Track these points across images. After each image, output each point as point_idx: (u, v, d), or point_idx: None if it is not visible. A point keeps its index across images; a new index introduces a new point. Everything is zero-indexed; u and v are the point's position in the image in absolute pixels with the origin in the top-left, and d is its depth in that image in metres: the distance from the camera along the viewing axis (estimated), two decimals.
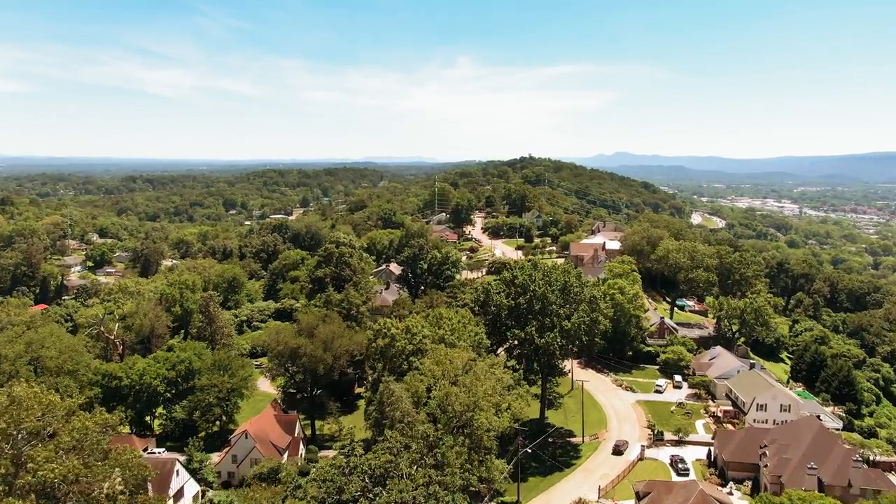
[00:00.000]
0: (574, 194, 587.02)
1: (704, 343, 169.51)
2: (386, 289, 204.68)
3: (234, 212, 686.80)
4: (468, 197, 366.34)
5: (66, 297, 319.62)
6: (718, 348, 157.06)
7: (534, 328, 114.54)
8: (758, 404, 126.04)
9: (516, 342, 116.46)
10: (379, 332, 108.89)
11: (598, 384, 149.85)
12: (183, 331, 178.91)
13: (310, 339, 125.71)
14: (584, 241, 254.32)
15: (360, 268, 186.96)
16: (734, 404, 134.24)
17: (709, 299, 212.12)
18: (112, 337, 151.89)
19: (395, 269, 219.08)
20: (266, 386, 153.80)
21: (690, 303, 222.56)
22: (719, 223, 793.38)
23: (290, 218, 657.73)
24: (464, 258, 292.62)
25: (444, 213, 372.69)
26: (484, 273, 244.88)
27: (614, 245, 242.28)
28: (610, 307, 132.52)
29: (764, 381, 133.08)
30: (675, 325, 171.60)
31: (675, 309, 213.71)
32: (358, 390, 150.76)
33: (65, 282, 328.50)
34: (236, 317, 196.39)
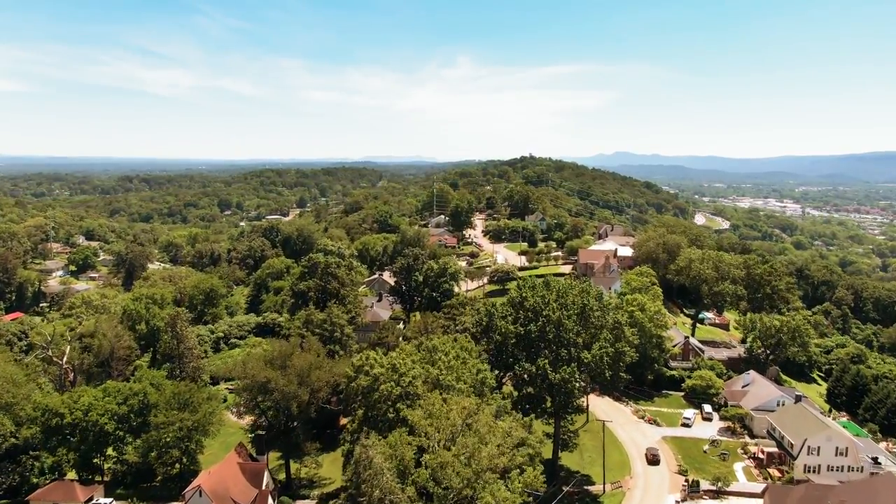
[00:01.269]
0: (576, 195, 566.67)
1: (734, 366, 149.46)
2: (378, 301, 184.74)
3: (228, 212, 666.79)
4: (468, 198, 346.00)
5: (43, 305, 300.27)
6: (752, 374, 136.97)
7: (547, 361, 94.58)
8: (809, 447, 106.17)
9: (526, 377, 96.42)
10: (360, 369, 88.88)
11: (616, 415, 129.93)
12: (151, 351, 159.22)
13: (282, 371, 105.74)
14: (594, 246, 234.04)
15: (348, 279, 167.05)
16: (779, 445, 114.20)
17: (731, 314, 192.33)
18: (62, 362, 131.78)
19: (389, 278, 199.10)
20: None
21: (710, 315, 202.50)
22: (723, 224, 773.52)
23: (286, 219, 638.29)
24: (463, 264, 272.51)
25: (442, 216, 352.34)
26: (485, 282, 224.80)
27: (626, 251, 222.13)
28: (632, 329, 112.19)
29: (814, 417, 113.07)
30: (700, 346, 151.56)
31: (690, 320, 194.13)
32: (344, 421, 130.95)
33: (42, 288, 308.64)
34: (212, 333, 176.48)
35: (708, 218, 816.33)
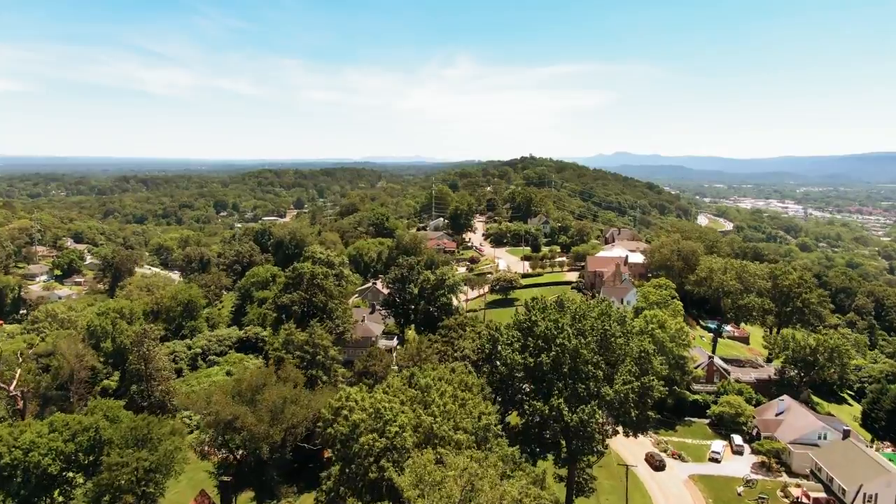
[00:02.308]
0: (578, 196, 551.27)
1: (763, 389, 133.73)
2: (371, 312, 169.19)
3: (224, 214, 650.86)
4: (468, 200, 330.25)
5: (23, 312, 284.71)
6: (787, 400, 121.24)
7: (562, 399, 78.97)
8: (866, 494, 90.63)
9: (537, 418, 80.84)
10: (338, 412, 73.24)
11: (635, 448, 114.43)
12: (120, 371, 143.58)
13: (251, 405, 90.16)
14: (602, 252, 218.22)
15: (337, 291, 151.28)
16: (827, 489, 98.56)
17: (752, 327, 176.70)
18: (10, 387, 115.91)
19: (383, 287, 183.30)
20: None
21: (727, 327, 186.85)
22: (726, 225, 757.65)
23: (284, 220, 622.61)
24: (463, 270, 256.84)
25: (441, 218, 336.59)
26: (486, 290, 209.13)
27: (637, 258, 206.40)
28: (660, 357, 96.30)
29: (868, 458, 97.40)
30: (725, 366, 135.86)
31: (709, 333, 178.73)
32: (328, 454, 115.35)
33: (23, 294, 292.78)
34: (190, 348, 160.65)
35: (711, 219, 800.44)
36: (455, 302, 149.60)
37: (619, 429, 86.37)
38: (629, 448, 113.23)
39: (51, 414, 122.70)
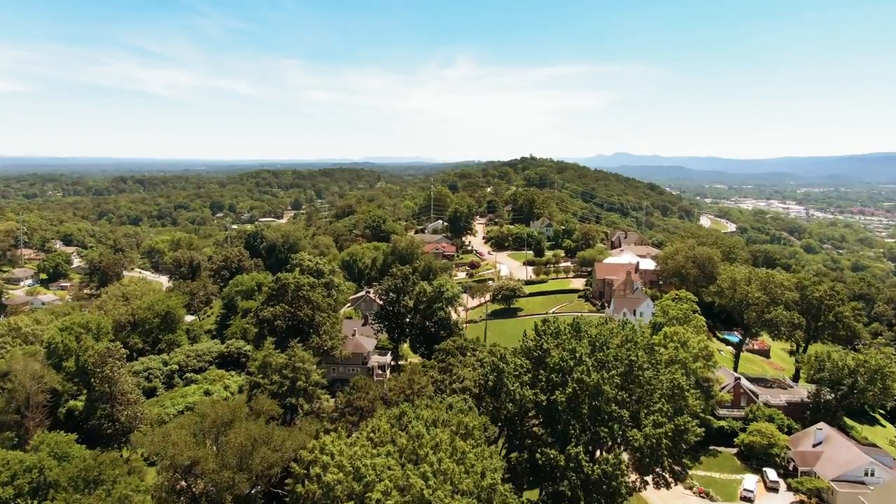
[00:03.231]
0: (580, 197, 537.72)
1: (795, 413, 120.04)
2: (363, 324, 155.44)
3: (220, 215, 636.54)
4: (468, 202, 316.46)
5: (1, 319, 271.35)
6: (826, 429, 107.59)
7: (581, 446, 65.43)
8: None
9: (550, 468, 67.20)
10: (309, 466, 59.60)
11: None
12: (86, 394, 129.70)
13: (215, 446, 76.58)
14: (610, 259, 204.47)
15: (326, 303, 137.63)
16: None
17: (771, 341, 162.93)
18: None
19: (378, 296, 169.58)
20: None
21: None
22: (729, 226, 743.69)
23: (280, 222, 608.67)
24: (462, 275, 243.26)
25: (440, 221, 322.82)
26: (488, 299, 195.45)
27: (648, 265, 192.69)
28: (694, 391, 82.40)
29: None
30: (753, 388, 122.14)
31: (728, 346, 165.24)
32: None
33: (4, 300, 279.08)
34: (165, 364, 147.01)
35: (713, 220, 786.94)
36: (453, 315, 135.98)
37: (649, 479, 72.70)
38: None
39: (3, 444, 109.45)
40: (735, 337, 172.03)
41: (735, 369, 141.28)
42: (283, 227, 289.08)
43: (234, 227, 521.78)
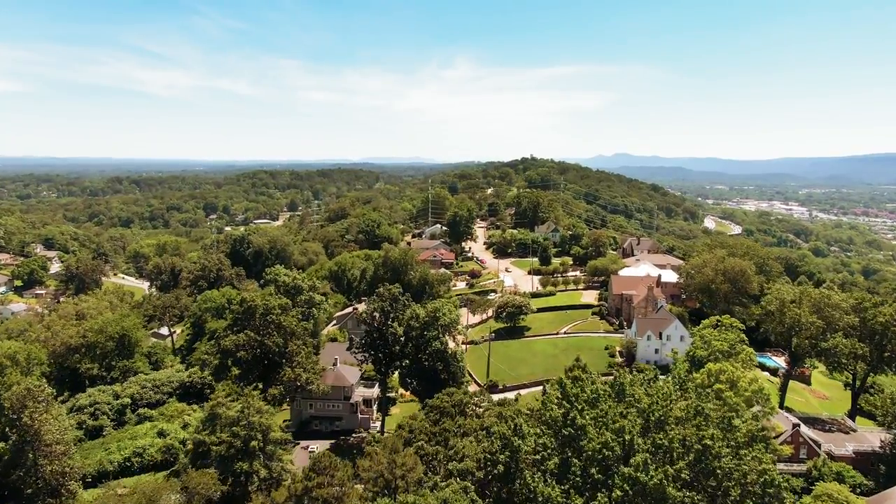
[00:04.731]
0: (583, 198, 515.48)
1: (864, 465, 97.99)
2: (349, 348, 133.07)
3: (214, 217, 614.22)
4: (468, 205, 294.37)
5: None
6: None
7: None
8: None
9: None
10: None
11: None
12: (11, 440, 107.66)
13: None
14: (628, 270, 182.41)
15: (302, 328, 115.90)
16: None
17: (811, 371, 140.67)
18: None
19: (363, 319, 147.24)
20: None
21: (780, 360, 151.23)
22: (734, 228, 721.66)
23: (277, 223, 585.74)
24: (462, 285, 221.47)
25: (438, 225, 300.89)
26: (491, 315, 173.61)
27: (669, 277, 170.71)
28: (779, 476, 60.14)
29: None
30: (813, 437, 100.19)
31: (763, 372, 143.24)
32: None
33: None
34: (117, 397, 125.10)
35: (717, 222, 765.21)
36: (451, 343, 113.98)
37: None
38: None
39: None
40: (770, 360, 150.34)
41: (782, 404, 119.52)
42: (270, 231, 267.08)
43: (228, 229, 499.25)
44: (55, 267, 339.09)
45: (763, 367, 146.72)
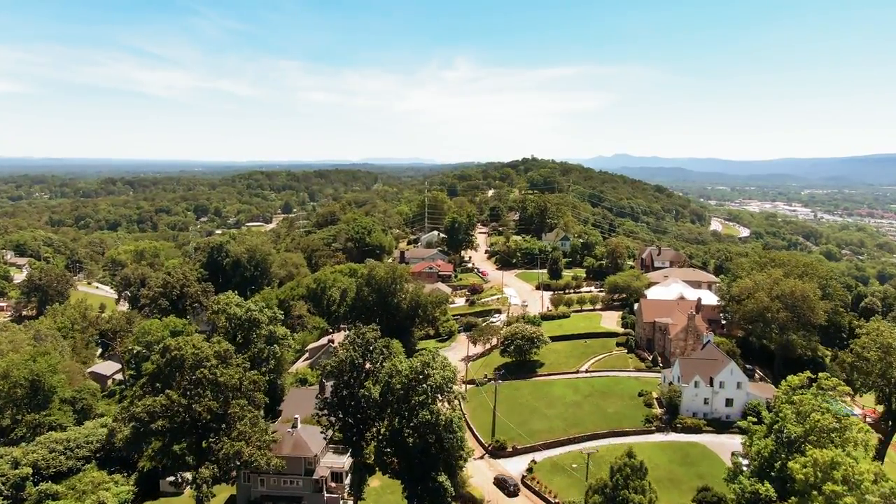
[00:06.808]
0: (587, 200, 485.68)
1: None
2: (320, 392, 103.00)
3: (205, 219, 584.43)
4: (468, 210, 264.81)
5: None
6: None
7: None
8: None
9: None
10: None
11: None
12: None
13: None
14: (657, 290, 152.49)
15: (249, 381, 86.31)
16: None
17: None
18: None
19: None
20: None
21: (853, 407, 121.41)
22: (741, 231, 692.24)
23: (270, 226, 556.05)
24: (461, 301, 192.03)
25: (435, 231, 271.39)
26: (494, 345, 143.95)
27: (709, 299, 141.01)
28: None
29: None
30: None
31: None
32: None
33: None
34: (16, 464, 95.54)
35: (724, 224, 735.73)
36: (445, 409, 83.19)
37: None
38: None
39: None
40: (845, 409, 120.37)
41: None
42: (250, 239, 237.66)
43: (218, 232, 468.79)
44: (23, 275, 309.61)
45: None
